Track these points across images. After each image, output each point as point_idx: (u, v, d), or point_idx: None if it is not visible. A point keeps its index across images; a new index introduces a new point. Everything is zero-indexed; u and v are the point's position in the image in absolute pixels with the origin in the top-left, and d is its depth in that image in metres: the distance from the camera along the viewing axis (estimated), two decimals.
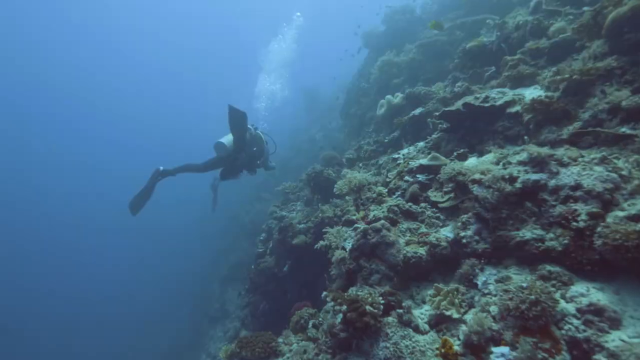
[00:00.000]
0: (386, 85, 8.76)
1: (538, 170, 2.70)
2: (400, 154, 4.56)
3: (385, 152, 6.83)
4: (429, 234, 3.08)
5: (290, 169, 15.22)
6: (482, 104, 3.88)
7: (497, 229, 2.65)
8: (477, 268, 2.61)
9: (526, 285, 2.24)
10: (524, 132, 3.50)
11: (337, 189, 4.02)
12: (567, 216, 2.37)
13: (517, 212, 2.62)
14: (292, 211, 7.72)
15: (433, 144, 4.16)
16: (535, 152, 2.75)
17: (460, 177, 3.10)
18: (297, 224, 6.56)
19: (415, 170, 3.73)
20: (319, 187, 6.67)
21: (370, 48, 10.80)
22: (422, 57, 8.27)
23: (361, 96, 9.97)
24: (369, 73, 9.64)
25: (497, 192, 2.69)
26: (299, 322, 4.25)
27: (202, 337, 10.88)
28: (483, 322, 2.27)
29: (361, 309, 2.66)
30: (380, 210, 3.47)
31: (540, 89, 4.11)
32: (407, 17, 10.04)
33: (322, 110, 18.78)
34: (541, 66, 4.53)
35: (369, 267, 3.07)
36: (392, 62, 8.77)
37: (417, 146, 4.47)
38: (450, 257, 2.86)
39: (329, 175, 6.62)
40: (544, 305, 2.14)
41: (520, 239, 2.50)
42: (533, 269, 2.42)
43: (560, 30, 4.59)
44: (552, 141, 3.10)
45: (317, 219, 6.01)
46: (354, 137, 9.74)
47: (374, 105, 9.13)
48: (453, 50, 7.82)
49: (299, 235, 6.25)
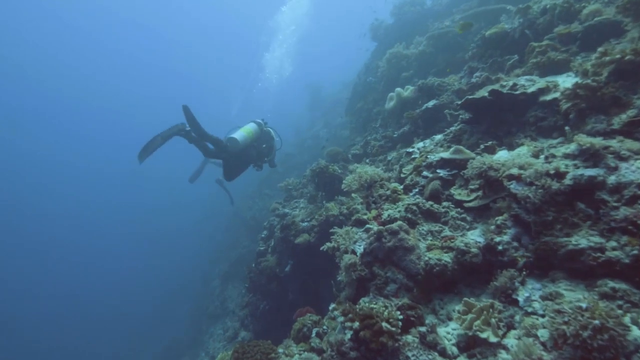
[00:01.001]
0: (395, 79, 8.24)
1: (591, 164, 2.21)
2: (415, 148, 4.06)
3: (394, 147, 6.34)
4: (454, 237, 2.59)
5: (294, 165, 14.76)
6: (510, 92, 3.38)
7: (541, 235, 2.17)
8: (517, 281, 2.13)
9: (586, 305, 1.76)
10: (563, 123, 3.00)
11: (346, 185, 3.54)
12: (635, 220, 1.88)
13: (567, 215, 2.12)
14: (295, 208, 7.25)
15: (453, 137, 3.66)
16: (588, 143, 2.25)
17: (491, 173, 2.61)
18: (300, 221, 6.09)
19: (435, 165, 3.23)
20: (323, 184, 6.20)
21: (378, 41, 10.27)
22: (433, 49, 7.73)
23: (368, 91, 9.46)
24: (377, 66, 9.11)
25: (541, 190, 2.20)
26: (301, 331, 3.79)
27: (202, 334, 10.48)
28: (531, 350, 1.79)
29: (376, 326, 2.19)
30: (395, 209, 2.99)
31: (575, 76, 3.60)
32: (417, 9, 9.49)
33: (326, 107, 18.27)
34: (573, 52, 4.01)
35: (383, 275, 2.59)
36: (401, 55, 8.25)
37: (434, 139, 3.96)
38: (481, 266, 2.38)
39: (334, 171, 6.14)
40: (612, 332, 1.65)
41: (573, 247, 2.01)
42: (591, 285, 1.93)
43: (594, 12, 4.05)
44: (601, 132, 2.60)
45: (322, 216, 5.54)
46: (359, 133, 9.24)
47: (381, 100, 8.63)
48: (466, 42, 7.29)
49: (302, 234, 5.78)
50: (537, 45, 4.29)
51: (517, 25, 4.96)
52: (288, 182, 7.97)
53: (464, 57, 6.76)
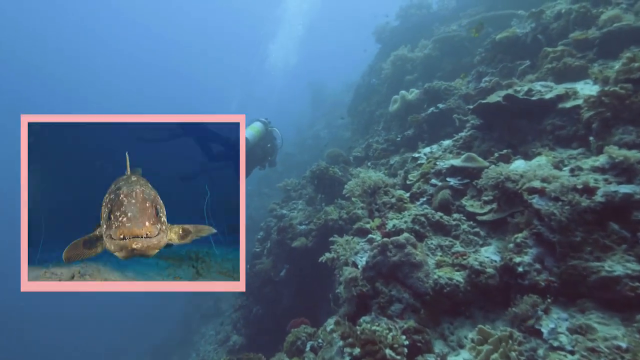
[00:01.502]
0: (399, 82, 7.98)
1: (625, 180, 1.96)
2: (422, 153, 3.80)
3: (398, 151, 6.08)
4: (466, 254, 2.34)
5: (294, 165, 14.48)
6: (526, 97, 3.13)
7: (568, 257, 1.91)
8: (541, 309, 1.87)
9: (626, 345, 1.51)
10: (584, 133, 2.75)
11: (348, 190, 3.27)
12: None
13: (598, 236, 1.87)
14: (293, 210, 6.98)
15: (463, 143, 3.41)
16: (621, 156, 2.00)
17: (509, 184, 2.35)
18: (298, 224, 5.82)
19: (444, 172, 2.98)
20: (323, 186, 5.93)
21: (383, 43, 10.01)
22: (439, 53, 7.49)
23: (371, 93, 9.21)
24: (381, 68, 8.86)
25: (568, 206, 1.94)
26: (295, 344, 3.52)
27: (194, 334, 10.18)
28: None
29: (379, 354, 1.93)
30: (401, 219, 2.73)
31: (594, 83, 3.36)
32: (422, 12, 9.24)
33: (328, 107, 17.99)
34: (590, 59, 3.77)
35: (387, 293, 2.33)
36: (406, 57, 7.99)
37: (442, 144, 3.71)
38: (497, 288, 2.12)
39: (334, 173, 5.88)
40: None
41: (607, 274, 1.75)
42: (628, 320, 1.67)
43: (614, 18, 3.81)
44: (630, 144, 2.35)
45: (321, 220, 5.27)
46: (361, 135, 8.99)
47: (384, 102, 8.38)
48: (472, 46, 7.06)
49: (299, 238, 5.51)
50: (551, 51, 4.05)
51: (529, 30, 4.72)
52: (287, 183, 7.69)
53: (471, 61, 6.52)
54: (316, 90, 20.11)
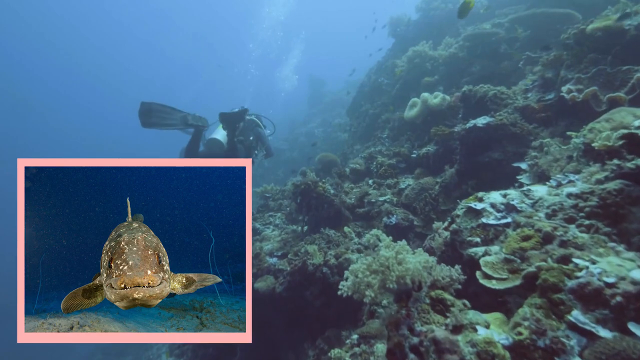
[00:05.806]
0: (414, 83, 6.09)
1: None
2: (487, 203, 1.92)
3: (411, 171, 4.23)
4: None
5: (283, 160, 12.50)
6: None
7: None
8: None
9: None
10: None
11: (349, 287, 1.40)
12: None
13: None
14: (268, 225, 5.05)
15: (602, 206, 1.54)
16: None
17: None
18: (268, 255, 3.93)
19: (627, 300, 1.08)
20: (308, 206, 4.03)
21: (397, 38, 8.02)
22: (467, 53, 5.59)
23: (377, 93, 7.26)
24: (393, 65, 6.92)
25: None
26: None
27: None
28: None
29: None
30: None
31: None
32: (448, 7, 7.27)
33: (325, 104, 15.93)
34: None
35: None
36: (426, 55, 6.08)
37: (547, 201, 1.78)
38: None
39: (324, 190, 3.98)
40: None
41: None
42: None
43: None
44: None
45: (298, 259, 3.40)
46: (360, 141, 7.09)
47: (390, 105, 6.48)
48: (512, 50, 5.21)
49: (265, 276, 3.64)
50: None
51: None
52: (266, 189, 5.76)
53: (514, 67, 4.68)
54: (316, 84, 17.93)
